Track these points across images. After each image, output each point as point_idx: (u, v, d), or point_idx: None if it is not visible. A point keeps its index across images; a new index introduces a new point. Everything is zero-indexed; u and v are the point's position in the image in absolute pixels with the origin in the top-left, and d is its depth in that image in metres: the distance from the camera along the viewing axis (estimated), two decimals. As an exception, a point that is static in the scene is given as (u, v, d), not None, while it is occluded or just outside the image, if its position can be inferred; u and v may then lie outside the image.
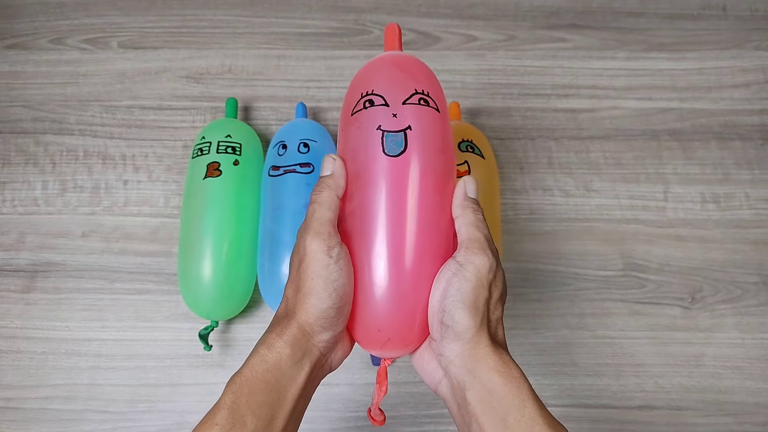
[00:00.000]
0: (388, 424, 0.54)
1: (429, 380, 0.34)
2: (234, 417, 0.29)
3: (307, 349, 0.32)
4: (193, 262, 0.51)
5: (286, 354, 0.31)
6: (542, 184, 0.63)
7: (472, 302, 0.31)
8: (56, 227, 0.61)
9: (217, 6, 0.71)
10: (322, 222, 0.33)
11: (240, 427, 0.29)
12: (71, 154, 0.64)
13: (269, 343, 0.31)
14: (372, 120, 0.34)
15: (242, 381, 0.30)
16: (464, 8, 0.71)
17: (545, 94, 0.67)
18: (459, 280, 0.31)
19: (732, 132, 0.65)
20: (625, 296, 0.59)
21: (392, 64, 0.36)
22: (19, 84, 0.67)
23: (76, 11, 0.70)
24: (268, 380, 0.30)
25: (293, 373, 0.31)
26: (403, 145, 0.33)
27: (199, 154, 0.55)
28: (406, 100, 0.34)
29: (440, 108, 0.35)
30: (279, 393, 0.30)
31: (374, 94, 0.35)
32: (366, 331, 0.34)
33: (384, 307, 0.33)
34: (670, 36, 0.70)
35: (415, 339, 0.34)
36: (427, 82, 0.36)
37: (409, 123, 0.34)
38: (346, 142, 0.36)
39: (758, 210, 0.62)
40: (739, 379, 0.56)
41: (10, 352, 0.56)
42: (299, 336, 0.31)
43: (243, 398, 0.30)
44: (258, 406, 0.30)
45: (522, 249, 0.60)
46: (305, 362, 0.32)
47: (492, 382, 0.30)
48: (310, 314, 0.32)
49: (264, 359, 0.31)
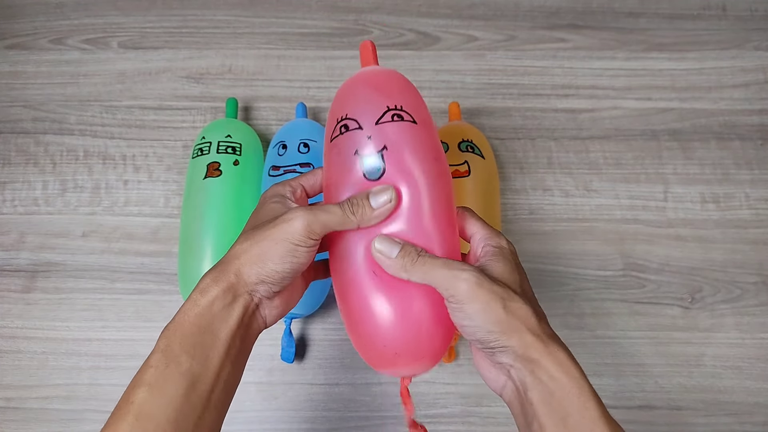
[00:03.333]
0: (388, 424, 0.54)
1: (494, 385, 0.34)
2: (168, 358, 0.30)
3: (238, 294, 0.32)
4: (193, 262, 0.51)
5: (218, 297, 0.31)
6: (542, 184, 0.63)
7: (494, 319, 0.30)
8: (56, 227, 0.61)
9: (217, 6, 0.71)
10: (326, 225, 0.32)
11: (175, 366, 0.29)
12: (71, 154, 0.64)
13: (202, 288, 0.32)
14: (349, 145, 0.34)
15: (175, 326, 0.31)
16: (464, 8, 0.71)
17: (545, 94, 0.67)
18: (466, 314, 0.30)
19: (732, 132, 0.65)
20: (625, 296, 0.59)
21: (364, 83, 0.36)
22: (19, 84, 0.67)
23: (76, 11, 0.70)
24: (200, 323, 0.31)
25: (224, 315, 0.32)
26: (381, 167, 0.33)
27: (199, 154, 0.55)
28: (379, 119, 0.34)
29: (417, 119, 0.35)
30: (212, 334, 0.31)
31: (348, 118, 0.34)
32: (373, 349, 0.33)
33: (385, 321, 0.32)
34: (670, 36, 0.70)
35: (427, 352, 0.33)
36: (400, 96, 0.35)
37: (384, 143, 0.33)
38: (329, 169, 0.36)
39: (758, 210, 0.62)
40: (738, 378, 0.56)
41: (10, 352, 0.57)
42: (234, 281, 0.32)
43: (176, 341, 0.30)
44: (191, 346, 0.30)
45: (522, 249, 0.60)
46: (236, 305, 0.32)
47: (552, 382, 0.30)
48: (253, 267, 0.32)
49: (196, 303, 0.31)
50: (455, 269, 0.31)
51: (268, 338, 0.57)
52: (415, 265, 0.31)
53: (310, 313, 0.55)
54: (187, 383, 0.29)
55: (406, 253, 0.32)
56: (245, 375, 0.56)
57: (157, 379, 0.29)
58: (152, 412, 0.28)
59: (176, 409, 0.29)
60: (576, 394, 0.29)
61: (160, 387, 0.29)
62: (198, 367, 0.30)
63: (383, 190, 0.32)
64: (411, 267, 0.31)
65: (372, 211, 0.32)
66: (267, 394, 0.55)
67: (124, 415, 0.28)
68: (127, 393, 0.29)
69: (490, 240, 0.35)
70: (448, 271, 0.31)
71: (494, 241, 0.34)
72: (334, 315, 0.58)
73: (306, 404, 0.55)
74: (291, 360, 0.53)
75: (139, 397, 0.29)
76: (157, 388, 0.29)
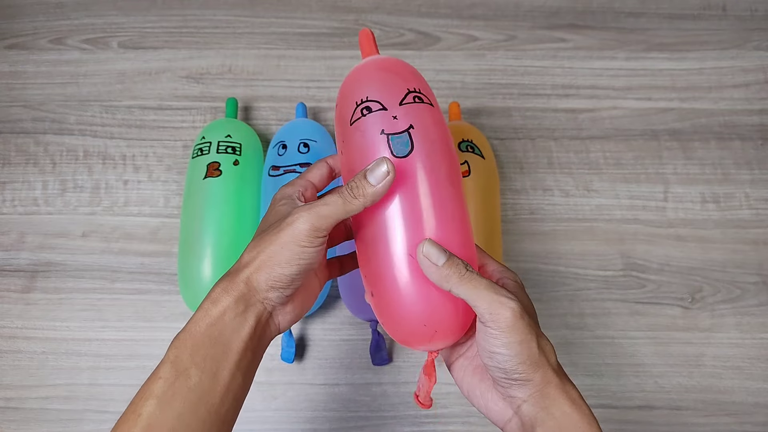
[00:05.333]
0: (388, 424, 0.54)
1: (497, 418, 0.34)
2: (177, 370, 0.29)
3: (250, 303, 0.32)
4: (193, 262, 0.51)
5: (230, 308, 0.31)
6: (542, 184, 0.63)
7: (528, 353, 0.31)
8: (56, 227, 0.61)
9: (217, 6, 0.71)
10: (330, 217, 0.32)
11: (184, 379, 0.29)
12: (71, 154, 0.64)
13: (214, 298, 0.31)
14: (373, 126, 0.34)
15: (185, 336, 0.30)
16: (464, 8, 0.71)
17: (545, 94, 0.67)
18: (504, 343, 0.31)
19: (732, 132, 0.65)
20: (625, 296, 0.59)
21: (379, 68, 0.37)
22: (19, 84, 0.67)
23: (76, 11, 0.70)
24: (212, 334, 0.30)
25: (236, 325, 0.31)
26: (409, 144, 0.34)
27: (199, 154, 0.55)
28: (402, 100, 0.35)
29: (433, 102, 0.36)
30: (223, 346, 0.31)
31: (370, 100, 0.35)
32: (412, 331, 0.34)
33: (426, 302, 0.33)
34: (670, 36, 0.70)
35: (461, 325, 0.34)
36: (416, 80, 0.36)
37: (411, 122, 0.34)
38: (350, 152, 0.35)
39: (758, 210, 0.62)
40: (739, 379, 0.56)
41: (10, 352, 0.56)
42: (245, 291, 0.31)
43: (186, 352, 0.30)
44: (202, 359, 0.30)
45: (522, 249, 0.60)
46: (249, 315, 0.32)
47: (565, 418, 0.30)
48: (261, 273, 0.32)
49: (208, 314, 0.31)
50: (501, 295, 0.31)
51: (268, 338, 0.57)
52: (462, 280, 0.31)
53: (310, 313, 0.55)
54: (195, 398, 0.29)
55: (453, 264, 0.31)
56: (245, 375, 0.56)
57: (165, 392, 0.29)
58: (159, 426, 0.28)
59: (184, 423, 0.29)
60: (585, 430, 0.30)
61: (168, 401, 0.29)
62: (207, 381, 0.30)
63: (378, 164, 0.31)
64: (456, 281, 0.31)
65: (373, 188, 0.31)
66: (267, 394, 0.55)
67: (131, 428, 0.28)
68: (134, 403, 0.29)
69: (506, 273, 0.36)
70: (494, 296, 0.31)
71: (511, 275, 0.36)
72: (334, 315, 0.58)
73: (306, 404, 0.55)
74: (291, 360, 0.53)
75: (147, 410, 0.28)
76: (165, 401, 0.29)
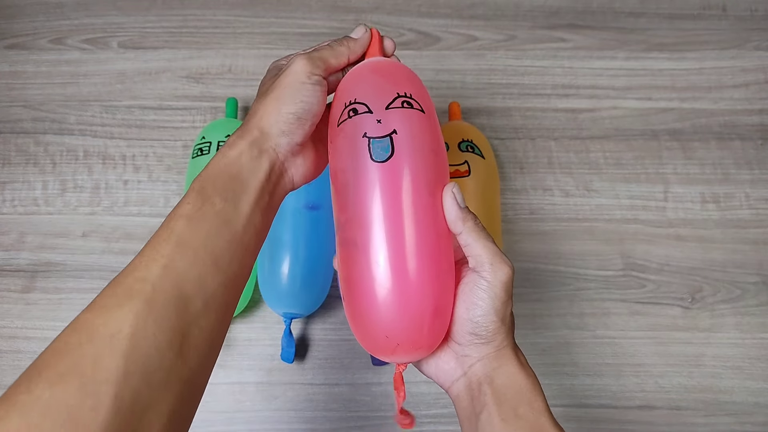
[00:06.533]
0: (388, 424, 0.54)
1: (444, 378, 0.35)
2: (203, 198, 0.31)
3: (264, 149, 0.34)
4: (193, 262, 0.51)
5: (245, 151, 0.33)
6: (542, 184, 0.63)
7: (503, 314, 0.33)
8: (56, 227, 0.61)
9: (217, 6, 0.71)
10: (323, 59, 0.35)
11: (210, 206, 0.31)
12: (71, 154, 0.64)
13: (230, 143, 0.34)
14: (357, 128, 0.34)
15: (206, 174, 0.33)
16: (464, 8, 0.71)
17: (545, 94, 0.67)
18: (490, 297, 0.32)
19: (732, 132, 0.65)
20: (625, 296, 0.59)
21: (372, 71, 0.36)
22: (19, 84, 0.67)
23: (76, 11, 0.70)
24: (230, 171, 0.33)
25: (253, 166, 0.33)
26: (390, 150, 0.33)
27: (199, 154, 0.55)
28: (389, 104, 0.34)
29: (425, 109, 0.35)
30: (242, 183, 0.33)
31: (357, 102, 0.35)
32: (374, 339, 0.33)
33: (389, 313, 0.32)
34: (670, 36, 0.70)
35: (426, 342, 0.33)
36: (409, 84, 0.36)
37: (394, 127, 0.34)
38: (335, 153, 0.36)
39: (758, 210, 0.62)
40: (739, 379, 0.56)
41: (10, 352, 0.56)
42: (258, 135, 0.34)
43: (209, 184, 0.32)
44: (224, 189, 0.32)
45: (522, 249, 0.60)
46: (263, 160, 0.34)
47: (511, 378, 0.33)
48: (270, 116, 0.34)
49: (225, 155, 0.33)
50: (504, 255, 0.33)
51: (268, 338, 0.57)
52: (476, 226, 0.33)
53: (310, 313, 0.55)
54: (220, 221, 0.31)
55: (469, 212, 0.34)
56: (245, 375, 0.56)
57: (194, 214, 0.31)
58: (191, 242, 0.30)
59: (211, 242, 0.30)
60: (530, 389, 0.32)
61: (197, 221, 0.30)
62: (230, 209, 0.32)
63: (358, 27, 0.38)
64: (471, 225, 0.33)
65: (356, 41, 0.37)
66: (267, 394, 0.55)
67: (167, 239, 0.29)
68: (166, 222, 0.31)
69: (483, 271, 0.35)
70: (498, 251, 0.33)
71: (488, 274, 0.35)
72: (334, 315, 0.58)
73: (306, 404, 0.55)
74: (291, 360, 0.53)
75: (179, 228, 0.30)
76: (194, 221, 0.30)
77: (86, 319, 0.26)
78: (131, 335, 0.26)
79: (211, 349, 0.30)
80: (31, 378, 0.24)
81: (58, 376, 0.24)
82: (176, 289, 0.28)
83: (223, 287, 0.30)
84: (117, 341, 0.25)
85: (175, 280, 0.28)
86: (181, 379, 0.27)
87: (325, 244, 0.53)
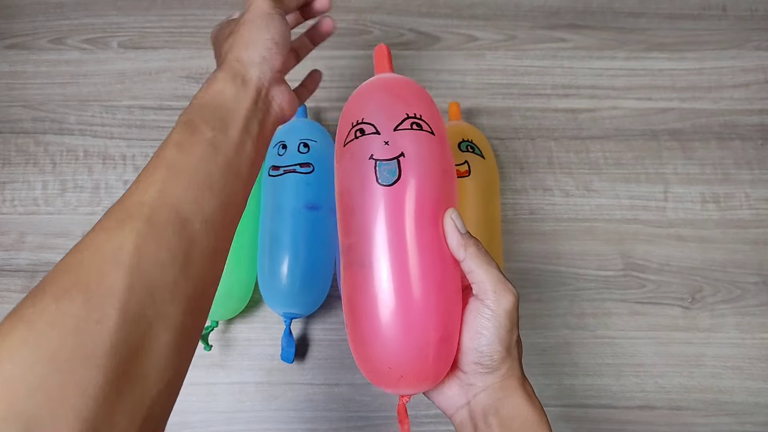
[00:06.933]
0: (388, 424, 0.54)
1: (448, 405, 0.34)
2: (191, 128, 0.32)
3: (247, 79, 0.34)
4: (193, 262, 0.51)
5: (228, 82, 0.34)
6: (542, 184, 0.63)
7: (508, 343, 0.32)
8: (56, 227, 0.61)
9: (218, 6, 0.71)
10: None
11: (199, 134, 0.31)
12: (71, 154, 0.64)
13: (211, 79, 0.34)
14: (364, 149, 0.33)
15: (192, 107, 0.33)
16: (464, 8, 0.71)
17: (545, 94, 0.67)
18: (495, 326, 0.32)
19: (732, 132, 0.65)
20: (625, 296, 0.59)
21: (382, 89, 0.35)
22: (19, 84, 0.67)
23: (76, 11, 0.70)
24: (216, 102, 0.33)
25: (238, 96, 0.34)
26: (396, 173, 0.32)
27: (199, 154, 0.55)
28: (398, 126, 0.33)
29: (435, 130, 0.34)
30: (229, 111, 0.33)
31: (365, 122, 0.33)
32: (377, 370, 0.33)
33: (392, 343, 0.31)
34: (670, 36, 0.70)
35: (431, 374, 0.32)
36: (420, 104, 0.34)
37: (402, 150, 0.32)
38: (341, 174, 0.35)
39: (758, 210, 0.62)
40: (739, 379, 0.56)
41: (10, 352, 0.56)
42: (238, 67, 0.34)
43: (196, 116, 0.32)
44: (212, 118, 0.32)
45: (522, 249, 0.60)
46: (248, 87, 0.34)
47: (518, 409, 0.32)
48: (248, 46, 0.35)
49: (209, 88, 0.34)
50: (507, 281, 0.32)
51: (268, 338, 0.57)
52: (479, 252, 0.32)
53: (310, 313, 0.55)
54: (212, 148, 0.31)
55: (471, 237, 0.33)
56: (245, 375, 0.56)
57: (184, 142, 0.31)
58: (184, 167, 0.30)
59: (205, 167, 0.31)
60: (535, 420, 0.32)
61: (188, 148, 0.31)
62: (221, 136, 0.32)
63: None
64: (473, 251, 0.32)
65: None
66: (267, 394, 0.55)
67: (159, 166, 0.30)
68: (157, 152, 0.31)
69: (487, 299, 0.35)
70: (502, 278, 0.32)
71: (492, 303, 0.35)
72: (334, 315, 0.58)
73: (306, 404, 0.55)
74: (291, 360, 0.53)
75: (171, 154, 0.30)
76: (185, 148, 0.31)
77: (89, 238, 0.27)
78: (134, 251, 0.26)
79: (214, 269, 0.31)
80: (36, 295, 0.24)
81: (63, 290, 0.24)
82: (174, 211, 0.28)
83: (219, 209, 0.31)
84: (120, 256, 0.26)
85: (172, 202, 0.29)
86: (186, 295, 0.28)
87: (325, 245, 0.53)
